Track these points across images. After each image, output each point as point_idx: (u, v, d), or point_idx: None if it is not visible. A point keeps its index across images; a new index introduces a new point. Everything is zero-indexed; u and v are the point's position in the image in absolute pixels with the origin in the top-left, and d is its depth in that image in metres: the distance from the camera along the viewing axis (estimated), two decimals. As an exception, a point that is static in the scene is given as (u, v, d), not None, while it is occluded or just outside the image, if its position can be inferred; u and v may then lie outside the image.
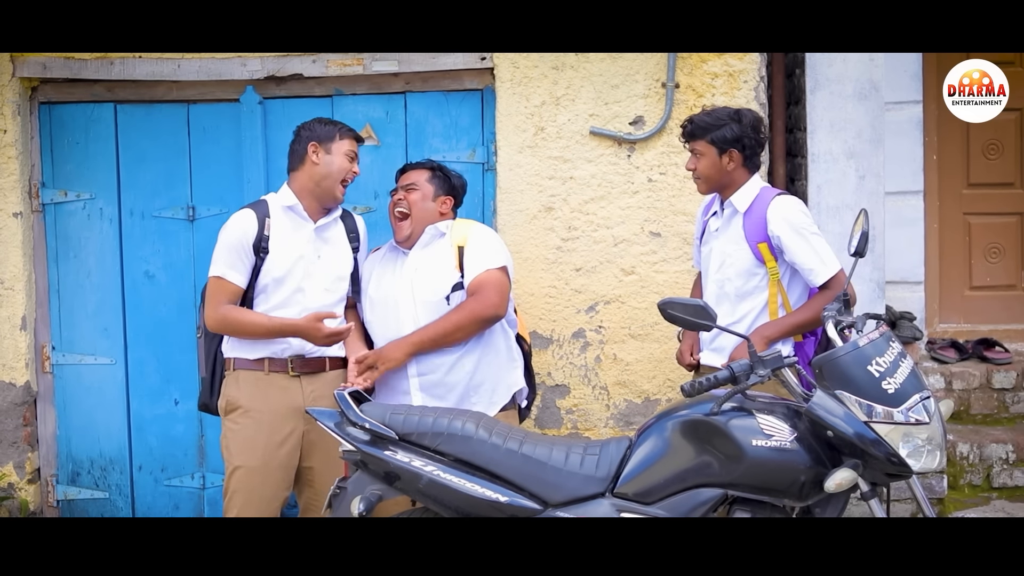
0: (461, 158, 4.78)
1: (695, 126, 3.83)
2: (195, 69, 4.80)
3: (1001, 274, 5.72)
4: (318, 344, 3.79)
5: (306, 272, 3.84)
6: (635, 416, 4.76)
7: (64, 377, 5.01)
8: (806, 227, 3.75)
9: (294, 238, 3.85)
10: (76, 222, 4.96)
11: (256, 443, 3.77)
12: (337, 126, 3.91)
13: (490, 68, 4.75)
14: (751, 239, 3.77)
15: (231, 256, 3.79)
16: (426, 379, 3.85)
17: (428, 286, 3.89)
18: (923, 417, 3.06)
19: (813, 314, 3.65)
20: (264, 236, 3.80)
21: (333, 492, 3.41)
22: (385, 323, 3.93)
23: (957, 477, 4.88)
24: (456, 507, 3.26)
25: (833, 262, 3.72)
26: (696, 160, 3.85)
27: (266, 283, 3.81)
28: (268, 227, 3.82)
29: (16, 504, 4.93)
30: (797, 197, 3.91)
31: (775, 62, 5.02)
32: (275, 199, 3.92)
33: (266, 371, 3.81)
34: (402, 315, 3.89)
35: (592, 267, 4.75)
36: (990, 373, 5.22)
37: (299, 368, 3.83)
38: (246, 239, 3.79)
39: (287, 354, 3.82)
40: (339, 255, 3.96)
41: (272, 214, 3.85)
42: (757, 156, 3.86)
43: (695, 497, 3.16)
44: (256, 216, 3.83)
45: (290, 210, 3.87)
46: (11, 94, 4.84)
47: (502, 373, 3.95)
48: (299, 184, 3.90)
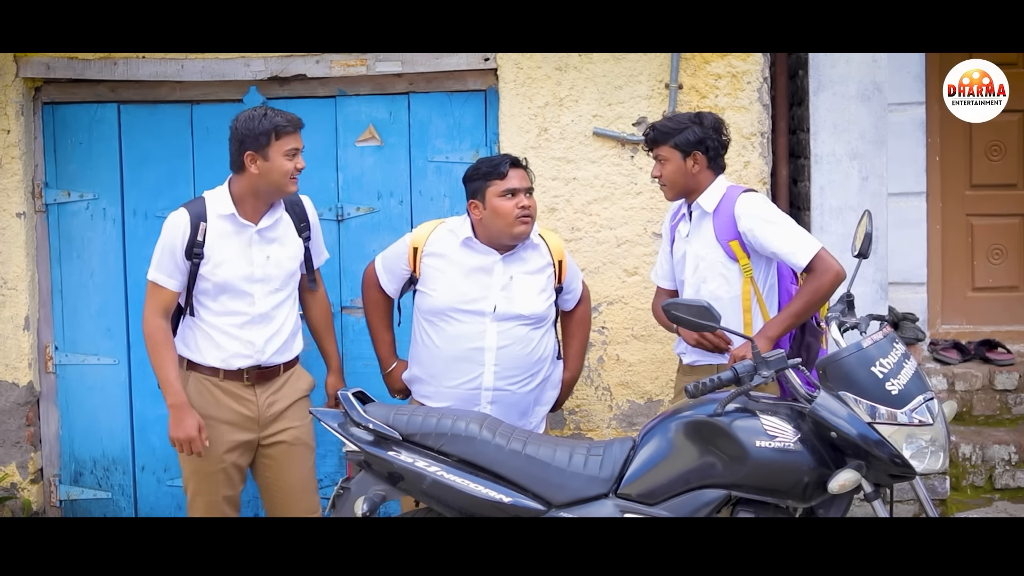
0: (464, 159, 4.78)
1: (657, 132, 3.83)
2: (199, 69, 4.81)
3: (1003, 275, 5.72)
4: (171, 432, 3.67)
5: (253, 278, 3.74)
6: (638, 417, 4.76)
7: (67, 377, 5.01)
8: (775, 215, 3.75)
9: (235, 243, 3.73)
10: (79, 222, 4.97)
11: (210, 451, 3.73)
12: (272, 126, 3.65)
13: (493, 69, 4.75)
14: (722, 238, 3.77)
15: (164, 259, 3.69)
16: (500, 394, 3.81)
17: (525, 303, 3.80)
18: (927, 418, 3.06)
19: (807, 301, 3.63)
20: (197, 242, 3.67)
21: (337, 492, 3.41)
22: (468, 334, 3.77)
23: (960, 478, 4.88)
24: (460, 508, 3.26)
25: (812, 242, 3.68)
26: (661, 166, 3.85)
27: (207, 288, 3.72)
28: (203, 231, 3.67)
29: (19, 504, 4.93)
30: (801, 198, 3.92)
31: (778, 63, 5.02)
32: (213, 201, 3.75)
33: (220, 377, 3.76)
34: (489, 328, 3.76)
35: (595, 268, 4.75)
36: (992, 374, 5.22)
37: (254, 378, 3.79)
38: (177, 244, 3.68)
39: (239, 366, 3.76)
40: (288, 251, 3.83)
41: (209, 218, 3.70)
42: (721, 157, 3.86)
43: (699, 498, 3.16)
44: (190, 219, 3.69)
45: (228, 217, 3.73)
46: (15, 94, 4.85)
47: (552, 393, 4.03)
48: (240, 188, 3.74)
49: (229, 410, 3.76)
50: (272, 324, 3.79)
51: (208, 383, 3.77)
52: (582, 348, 4.18)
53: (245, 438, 3.79)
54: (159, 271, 3.71)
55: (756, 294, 3.78)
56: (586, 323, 4.17)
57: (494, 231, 3.80)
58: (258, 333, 3.77)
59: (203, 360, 3.76)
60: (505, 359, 3.77)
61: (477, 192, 3.82)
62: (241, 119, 3.71)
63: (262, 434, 3.81)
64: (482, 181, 3.81)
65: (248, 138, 3.66)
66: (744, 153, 4.67)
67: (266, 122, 3.66)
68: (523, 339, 3.79)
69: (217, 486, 3.79)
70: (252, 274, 3.75)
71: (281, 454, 3.84)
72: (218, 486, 3.79)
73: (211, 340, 3.76)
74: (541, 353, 3.86)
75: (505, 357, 3.77)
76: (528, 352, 3.81)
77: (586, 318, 4.16)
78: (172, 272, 3.70)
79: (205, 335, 3.77)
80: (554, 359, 3.98)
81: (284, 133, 3.67)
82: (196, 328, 3.78)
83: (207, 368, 3.76)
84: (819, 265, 3.64)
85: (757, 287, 3.78)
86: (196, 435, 3.65)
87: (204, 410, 3.73)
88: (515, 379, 3.80)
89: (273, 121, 3.66)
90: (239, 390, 3.78)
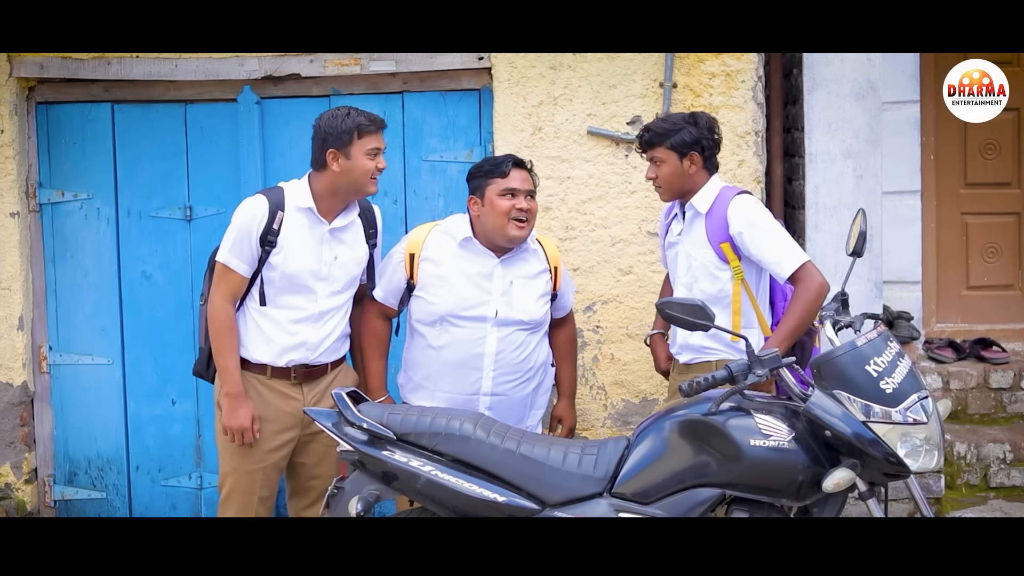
0: (459, 158, 4.78)
1: (653, 133, 3.81)
2: (192, 69, 4.80)
3: (998, 274, 5.72)
4: (225, 421, 3.69)
5: (319, 275, 3.75)
6: (633, 416, 4.76)
7: (61, 377, 5.00)
8: (767, 222, 3.73)
9: (308, 238, 3.73)
10: (73, 222, 4.96)
11: (254, 450, 3.74)
12: (355, 125, 3.68)
13: (488, 68, 4.75)
14: (713, 240, 3.76)
15: (237, 243, 3.69)
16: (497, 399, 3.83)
17: (524, 308, 3.81)
18: (921, 417, 3.06)
19: (800, 318, 3.59)
20: (272, 230, 3.68)
21: (331, 492, 3.40)
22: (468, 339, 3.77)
23: (954, 477, 4.88)
24: (454, 507, 3.25)
25: (799, 253, 3.67)
26: (657, 168, 3.83)
27: (274, 276, 3.72)
28: (280, 220, 3.69)
29: (13, 504, 4.92)
30: (796, 197, 3.91)
31: (773, 62, 5.02)
32: (293, 193, 3.75)
33: (268, 375, 3.77)
34: (490, 332, 3.77)
35: (590, 267, 4.75)
36: (987, 373, 5.22)
37: (301, 376, 3.79)
38: (253, 229, 3.68)
39: (290, 364, 3.77)
40: (355, 255, 3.85)
41: (287, 208, 3.71)
42: (715, 157, 3.85)
43: (693, 497, 3.16)
44: (268, 206, 3.70)
45: (306, 210, 3.75)
46: (8, 94, 4.84)
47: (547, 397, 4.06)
48: (320, 185, 3.75)
49: (276, 409, 3.76)
50: (327, 325, 3.79)
51: (255, 381, 3.75)
52: (574, 369, 4.21)
53: (289, 436, 3.79)
54: (232, 254, 3.68)
55: (749, 295, 3.76)
56: (573, 344, 4.19)
57: (489, 229, 3.80)
58: (313, 331, 3.76)
59: (251, 356, 3.75)
60: (503, 364, 3.78)
61: (478, 189, 3.83)
62: (325, 117, 3.74)
63: (303, 433, 3.80)
64: (484, 179, 3.82)
65: (331, 136, 3.68)
66: (739, 152, 4.67)
67: (349, 121, 3.69)
68: (521, 344, 3.80)
69: (255, 485, 3.77)
70: (319, 271, 3.75)
71: (315, 452, 3.84)
72: (256, 485, 3.77)
73: (263, 334, 3.75)
74: (537, 358, 3.87)
75: (504, 363, 3.78)
76: (525, 357, 3.82)
77: (573, 339, 4.19)
78: (245, 257, 3.69)
79: (258, 328, 3.75)
80: (548, 365, 4.01)
81: (367, 132, 3.70)
82: (250, 321, 3.77)
83: (255, 365, 3.75)
84: (804, 277, 3.62)
85: (750, 288, 3.77)
86: (249, 425, 3.68)
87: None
88: (512, 384, 3.81)
89: (356, 120, 3.69)
90: (286, 388, 3.77)
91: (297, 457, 3.86)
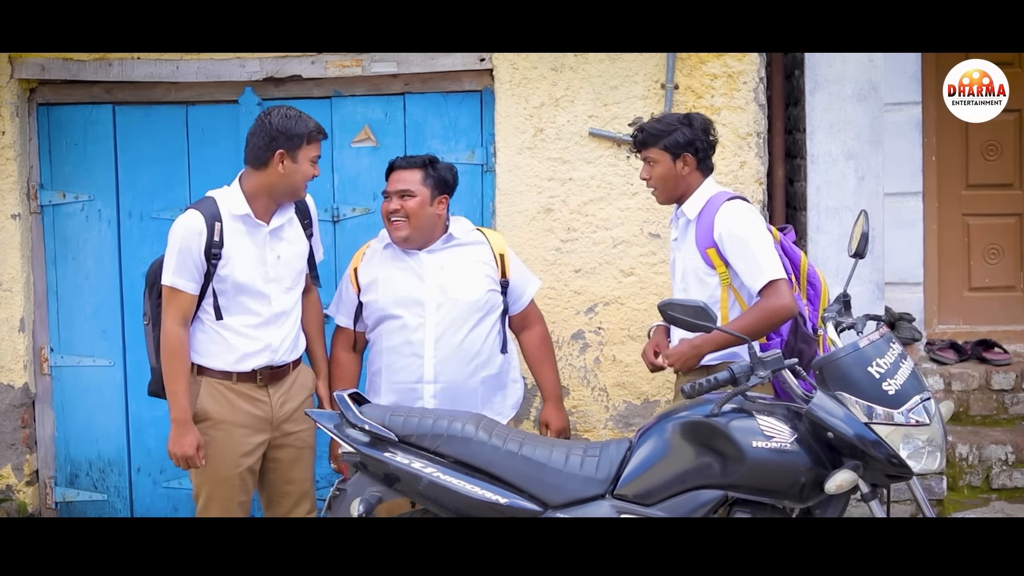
0: (460, 159, 4.77)
1: (647, 134, 3.78)
2: (194, 70, 4.80)
3: (1000, 275, 5.72)
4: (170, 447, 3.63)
5: (268, 278, 3.71)
6: (634, 418, 4.76)
7: (62, 379, 5.00)
8: (749, 232, 3.64)
9: (250, 244, 3.67)
10: (74, 224, 4.96)
11: (226, 456, 3.70)
12: (306, 129, 3.64)
13: (489, 69, 4.75)
14: (701, 245, 3.71)
15: (181, 263, 3.59)
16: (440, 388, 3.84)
17: (463, 287, 3.85)
18: (923, 418, 3.06)
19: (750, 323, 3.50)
20: (215, 242, 3.60)
21: (333, 494, 3.40)
22: (407, 326, 3.84)
23: (956, 478, 4.88)
24: (456, 509, 3.25)
25: (772, 270, 3.57)
26: (650, 168, 3.80)
27: (225, 288, 3.67)
28: (219, 231, 3.60)
29: (14, 506, 4.92)
30: (797, 198, 3.90)
31: (774, 63, 5.02)
32: (225, 201, 3.67)
33: (233, 380, 3.72)
34: (428, 317, 3.82)
35: (591, 268, 4.75)
36: (989, 374, 5.22)
37: (267, 378, 3.75)
38: (195, 246, 3.58)
39: (253, 367, 3.73)
40: (297, 250, 3.81)
41: (223, 217, 3.63)
42: (709, 159, 3.82)
43: (695, 498, 3.16)
44: (205, 219, 3.60)
45: (243, 217, 3.67)
46: (9, 95, 4.83)
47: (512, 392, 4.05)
48: (255, 185, 3.67)
49: (244, 413, 3.72)
50: (287, 324, 3.78)
51: (221, 387, 3.71)
52: (554, 371, 4.15)
53: (260, 439, 3.76)
54: (178, 275, 3.60)
55: (738, 300, 3.72)
56: (546, 345, 4.13)
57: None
58: (274, 333, 3.74)
59: (214, 364, 3.71)
60: (444, 348, 3.81)
61: None
62: (276, 116, 3.64)
63: (273, 435, 3.78)
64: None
65: (283, 136, 3.62)
66: (740, 153, 4.67)
67: (302, 124, 3.65)
68: (462, 327, 3.83)
69: (232, 492, 3.73)
70: (267, 274, 3.72)
71: (287, 456, 3.83)
72: (233, 492, 3.73)
73: (223, 342, 3.70)
74: (481, 343, 3.86)
75: (445, 346, 3.81)
76: (466, 338, 3.83)
77: (544, 340, 4.12)
78: (191, 275, 3.61)
79: (217, 337, 3.71)
80: (499, 354, 3.96)
81: (315, 139, 3.69)
82: (207, 331, 3.72)
83: (219, 372, 3.71)
84: (771, 293, 3.55)
85: (739, 294, 3.74)
86: (193, 453, 3.62)
87: (219, 415, 3.69)
88: (456, 369, 3.82)
89: (309, 125, 3.67)
90: (253, 391, 3.74)
91: (270, 461, 3.82)
